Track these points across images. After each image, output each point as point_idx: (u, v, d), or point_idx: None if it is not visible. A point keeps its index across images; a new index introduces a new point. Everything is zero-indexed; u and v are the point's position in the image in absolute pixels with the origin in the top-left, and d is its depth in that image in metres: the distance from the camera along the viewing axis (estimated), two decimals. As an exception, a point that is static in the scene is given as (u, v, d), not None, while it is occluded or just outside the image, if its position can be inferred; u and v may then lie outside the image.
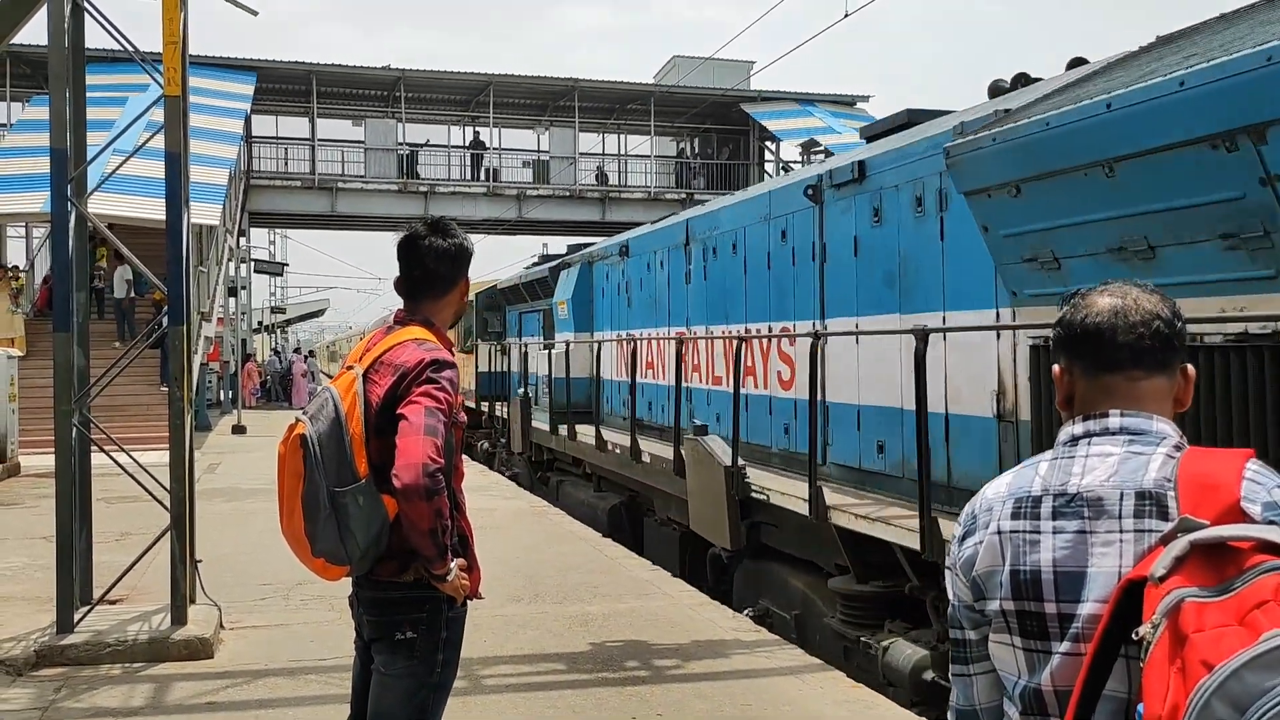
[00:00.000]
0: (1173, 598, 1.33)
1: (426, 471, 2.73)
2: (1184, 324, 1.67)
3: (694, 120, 34.67)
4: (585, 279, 14.43)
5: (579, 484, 13.40)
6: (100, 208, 14.13)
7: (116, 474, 6.61)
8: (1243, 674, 1.22)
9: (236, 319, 31.66)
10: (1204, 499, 1.45)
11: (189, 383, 6.53)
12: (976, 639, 1.71)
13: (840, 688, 5.60)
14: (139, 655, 5.95)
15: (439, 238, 3.10)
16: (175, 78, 6.18)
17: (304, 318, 68.66)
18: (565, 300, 14.57)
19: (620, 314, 13.11)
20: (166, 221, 6.34)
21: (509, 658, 6.14)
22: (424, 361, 2.92)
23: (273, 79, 30.99)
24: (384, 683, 3.01)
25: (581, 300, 14.32)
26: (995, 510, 1.66)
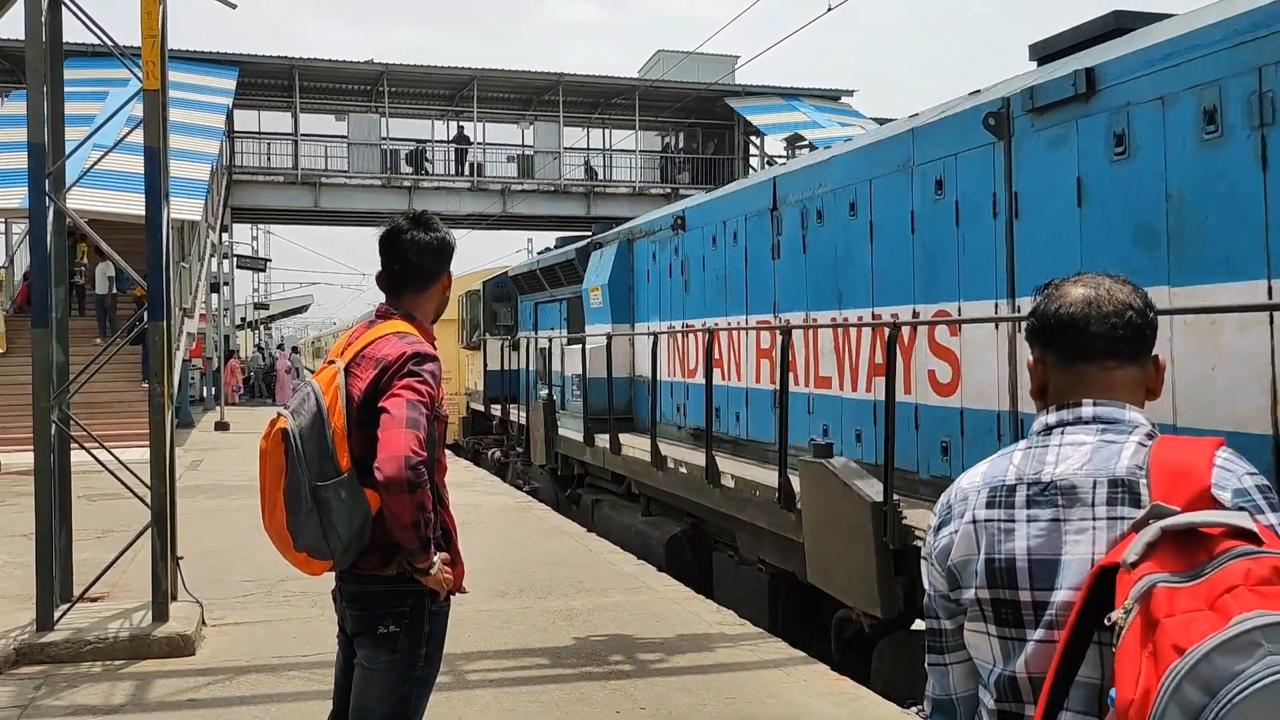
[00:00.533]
0: (1144, 583, 1.34)
1: (409, 464, 2.73)
2: (1156, 314, 1.68)
3: (679, 115, 34.66)
4: (623, 261, 11.91)
5: (622, 506, 11.13)
6: (80, 203, 14.03)
7: (98, 471, 6.57)
8: (1213, 657, 1.23)
9: (219, 315, 31.49)
10: (1176, 486, 1.46)
11: (170, 379, 6.49)
12: (952, 629, 1.72)
13: (824, 680, 5.61)
14: (120, 652, 5.92)
15: (421, 232, 3.10)
16: (154, 71, 6.14)
17: (288, 314, 68.37)
18: (599, 286, 12.16)
19: (672, 300, 10.68)
20: (146, 216, 6.30)
21: (493, 653, 6.13)
22: (405, 354, 2.92)
23: (255, 74, 30.81)
24: (367, 677, 3.01)
25: (620, 286, 11.86)
26: (970, 500, 1.67)
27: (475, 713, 5.09)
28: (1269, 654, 1.23)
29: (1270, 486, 1.53)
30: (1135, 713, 1.27)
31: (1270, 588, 1.29)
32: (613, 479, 11.30)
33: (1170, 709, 1.24)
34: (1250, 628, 1.24)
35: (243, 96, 30.04)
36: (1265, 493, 1.51)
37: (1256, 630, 1.24)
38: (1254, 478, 1.52)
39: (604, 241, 12.80)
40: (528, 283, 16.39)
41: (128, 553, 6.55)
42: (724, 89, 32.98)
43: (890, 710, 5.14)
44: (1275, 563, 1.32)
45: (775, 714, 5.06)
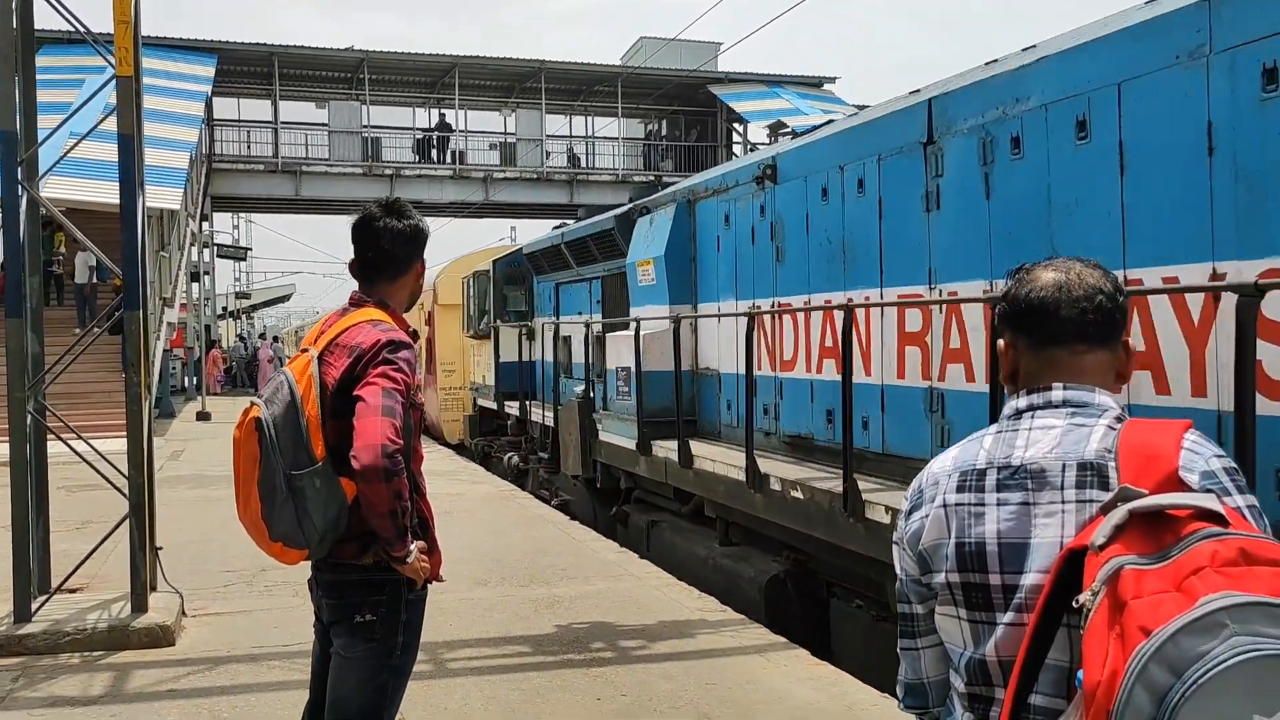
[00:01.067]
0: (1112, 565, 1.34)
1: (385, 453, 2.71)
2: (1126, 298, 1.69)
3: (661, 102, 34.56)
4: (683, 227, 9.48)
5: (688, 531, 9.00)
6: (56, 192, 13.90)
7: (78, 462, 6.52)
8: (1179, 639, 1.24)
9: (200, 305, 31.29)
10: (1144, 469, 1.46)
11: (148, 368, 6.44)
12: (924, 613, 1.72)
13: (804, 666, 5.63)
14: (98, 644, 5.89)
15: (394, 219, 3.07)
16: (127, 58, 6.07)
17: (269, 303, 68.02)
18: (651, 259, 9.81)
19: (757, 273, 8.22)
20: (121, 205, 6.24)
21: (474, 641, 6.13)
22: (380, 342, 2.89)
23: (234, 61, 30.55)
24: (343, 665, 2.99)
25: (679, 258, 9.46)
26: (941, 484, 1.67)
27: (456, 701, 5.08)
28: (1234, 635, 1.23)
29: (1237, 469, 1.54)
30: (1102, 694, 1.27)
31: (1236, 569, 1.30)
32: (675, 496, 9.17)
33: (1136, 690, 1.24)
34: (1216, 608, 1.24)
35: (222, 84, 29.78)
36: (1232, 475, 1.51)
37: (1222, 611, 1.24)
38: (1221, 460, 1.52)
39: (654, 206, 10.36)
40: (548, 261, 13.60)
41: (107, 544, 6.51)
42: (706, 76, 32.90)
43: (870, 694, 5.16)
44: (1241, 544, 1.32)
45: (755, 699, 5.08)
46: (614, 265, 11.19)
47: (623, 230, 10.79)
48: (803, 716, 4.85)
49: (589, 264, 12.05)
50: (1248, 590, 1.26)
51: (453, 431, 19.80)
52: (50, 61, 19.10)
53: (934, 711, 1.76)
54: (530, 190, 32.94)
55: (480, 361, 17.22)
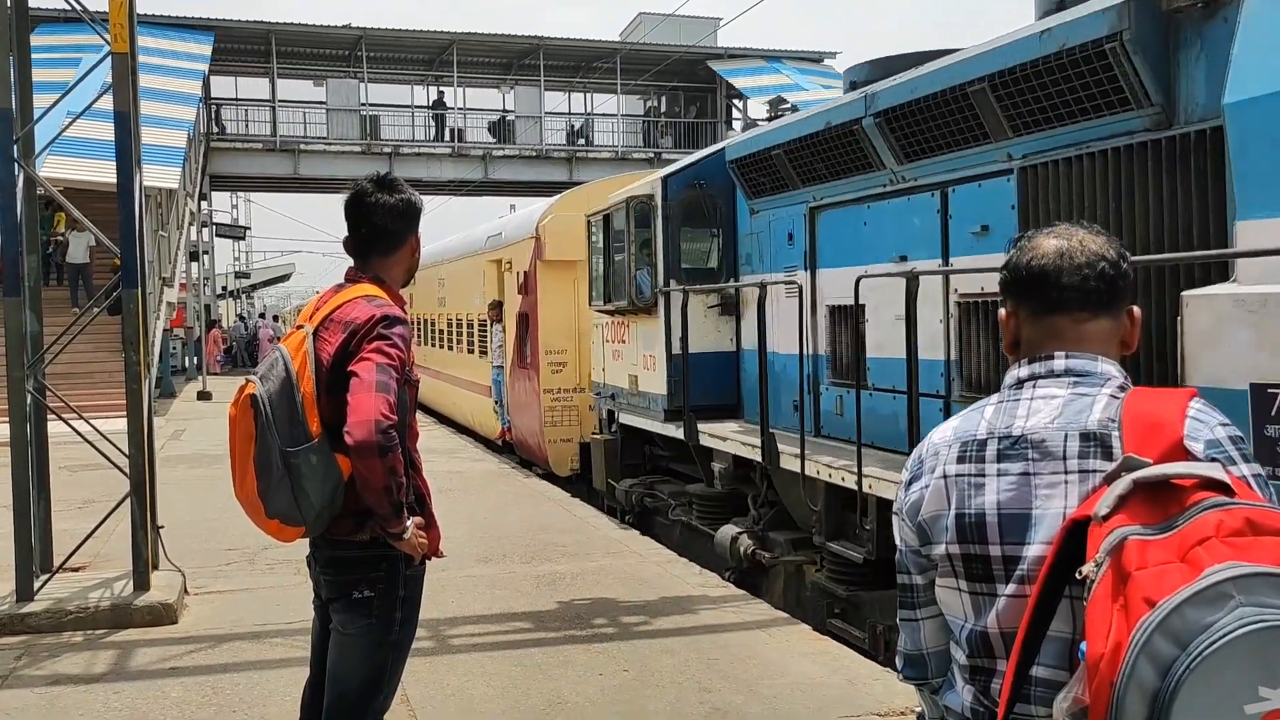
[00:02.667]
0: (1116, 536, 1.33)
1: (379, 428, 2.70)
2: (1129, 265, 1.66)
3: (660, 78, 34.39)
4: None
5: None
6: (54, 171, 13.86)
7: (79, 442, 6.52)
8: (1184, 610, 1.22)
9: (200, 284, 31.24)
10: (1148, 438, 1.45)
11: (146, 347, 6.43)
12: (923, 584, 1.71)
13: (805, 640, 5.65)
14: (101, 622, 5.90)
15: (386, 194, 3.05)
16: (122, 34, 6.03)
17: (269, 282, 67.89)
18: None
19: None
20: (117, 183, 6.21)
21: (476, 618, 6.14)
22: (374, 318, 2.88)
23: (231, 39, 30.39)
24: (343, 642, 3.00)
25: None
26: (941, 454, 1.66)
27: (458, 677, 5.10)
28: (1240, 605, 1.22)
29: (1243, 437, 1.52)
30: (1106, 666, 1.26)
31: (1242, 539, 1.28)
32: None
33: (1141, 662, 1.23)
34: (1221, 579, 1.23)
35: (219, 62, 29.66)
36: (1238, 444, 1.50)
37: (1228, 582, 1.23)
38: (1227, 429, 1.51)
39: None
40: (796, 162, 7.13)
41: (108, 523, 6.52)
42: (706, 52, 32.72)
43: (870, 668, 5.17)
44: (1247, 514, 1.30)
45: (756, 674, 5.09)
46: (994, 154, 5.33)
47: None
48: (804, 691, 4.86)
49: (926, 156, 5.89)
50: (1254, 560, 1.25)
51: (562, 458, 12.34)
52: (46, 40, 19.01)
53: (933, 682, 1.75)
54: (529, 168, 32.83)
55: (624, 351, 9.86)
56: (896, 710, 4.59)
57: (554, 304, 12.48)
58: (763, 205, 7.81)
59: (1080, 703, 1.31)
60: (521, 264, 13.20)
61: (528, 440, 13.10)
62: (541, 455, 12.59)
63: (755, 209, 7.93)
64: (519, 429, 13.48)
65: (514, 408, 13.66)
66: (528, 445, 13.17)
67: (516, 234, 13.96)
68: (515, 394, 13.53)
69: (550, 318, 12.48)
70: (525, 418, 13.05)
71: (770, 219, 7.71)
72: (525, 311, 12.95)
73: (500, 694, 4.88)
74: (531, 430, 12.79)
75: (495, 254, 14.86)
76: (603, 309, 10.15)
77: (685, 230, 8.73)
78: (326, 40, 32.34)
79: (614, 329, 10.20)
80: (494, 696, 4.85)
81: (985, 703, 1.58)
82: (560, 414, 12.49)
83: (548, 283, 12.55)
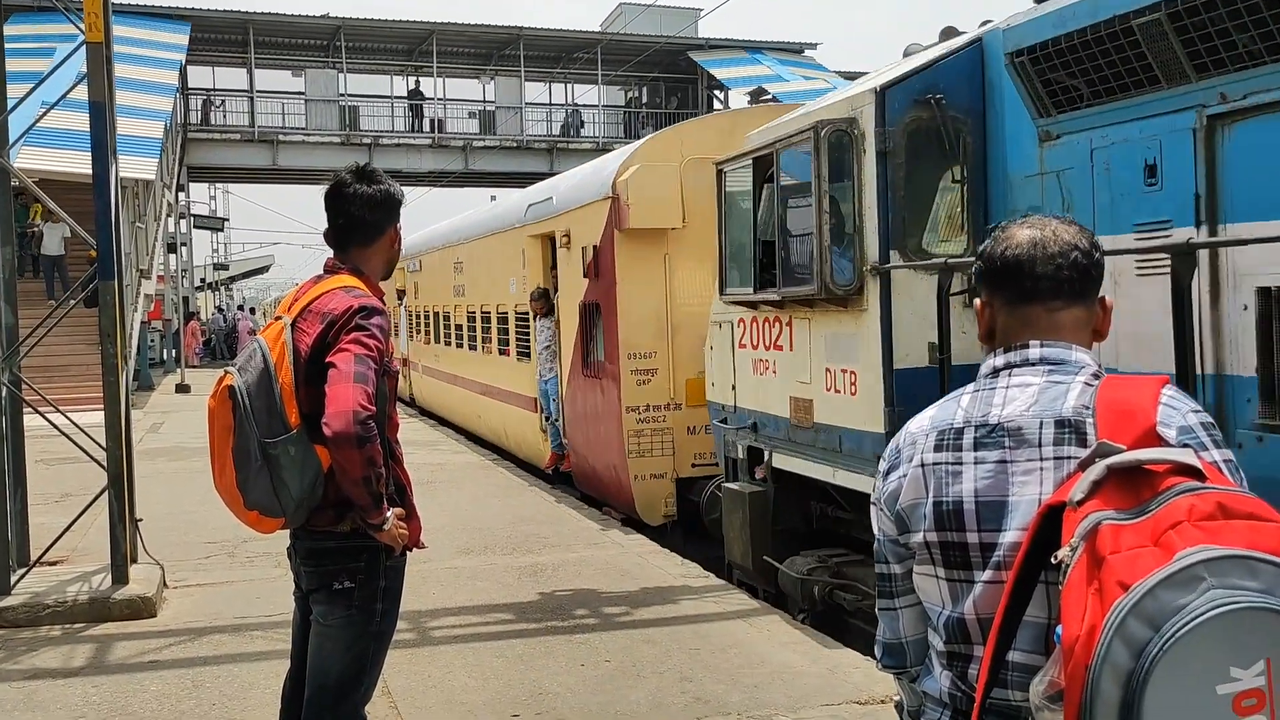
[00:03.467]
0: (1090, 521, 1.34)
1: (357, 419, 2.69)
2: (1102, 255, 1.68)
3: (641, 69, 34.33)
4: None
5: None
6: (29, 162, 13.72)
7: (56, 435, 6.47)
8: (1157, 592, 1.24)
9: (178, 276, 31.03)
10: (1121, 425, 1.46)
11: (124, 339, 6.38)
12: (901, 573, 1.72)
13: (786, 630, 5.67)
14: (80, 616, 5.87)
15: (364, 184, 3.04)
16: (97, 23, 5.97)
17: (248, 274, 67.49)
18: None
19: None
20: (93, 173, 6.15)
21: (458, 609, 6.14)
22: (352, 308, 2.87)
23: (207, 28, 30.11)
24: (323, 633, 2.99)
25: None
26: (919, 443, 1.67)
27: (439, 669, 5.10)
28: (1212, 588, 1.24)
29: (1214, 424, 1.54)
30: (1080, 649, 1.27)
31: (1214, 523, 1.30)
32: None
33: (1115, 644, 1.24)
34: (1193, 562, 1.25)
35: (196, 52, 29.39)
36: (1209, 430, 1.52)
37: (1200, 564, 1.25)
38: (1198, 415, 1.53)
39: None
40: (1198, 33, 4.03)
41: (86, 516, 6.48)
42: (687, 42, 32.69)
43: (851, 657, 5.20)
44: (1219, 498, 1.32)
45: (738, 663, 5.11)
46: None
47: None
48: (785, 679, 4.88)
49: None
50: (1225, 544, 1.27)
51: (652, 500, 8.95)
52: (19, 30, 18.79)
53: (912, 671, 1.76)
54: (510, 159, 32.73)
55: (780, 361, 6.60)
56: (877, 698, 4.62)
57: (639, 291, 8.98)
58: (1076, 124, 4.74)
59: (1056, 686, 1.32)
60: (587, 236, 9.57)
61: (599, 472, 9.61)
62: (622, 494, 9.10)
63: (1053, 133, 4.86)
64: (583, 456, 9.99)
65: (575, 428, 10.10)
66: (598, 478, 9.69)
67: (579, 196, 10.01)
68: (577, 409, 10.04)
69: (634, 310, 8.98)
70: (594, 442, 9.64)
71: (1093, 145, 4.63)
72: (595, 301, 9.47)
73: (482, 685, 4.88)
74: (606, 460, 9.37)
75: (542, 226, 11.02)
76: (747, 298, 6.56)
77: (914, 171, 5.39)
78: (304, 30, 32.11)
79: (759, 329, 6.72)
80: (476, 687, 4.85)
81: (963, 688, 1.60)
82: (649, 440, 8.93)
83: (630, 261, 8.95)
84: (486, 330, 13.63)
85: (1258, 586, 1.24)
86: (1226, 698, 1.22)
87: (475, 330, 14.29)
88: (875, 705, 4.56)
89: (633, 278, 8.96)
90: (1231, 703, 1.22)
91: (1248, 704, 1.22)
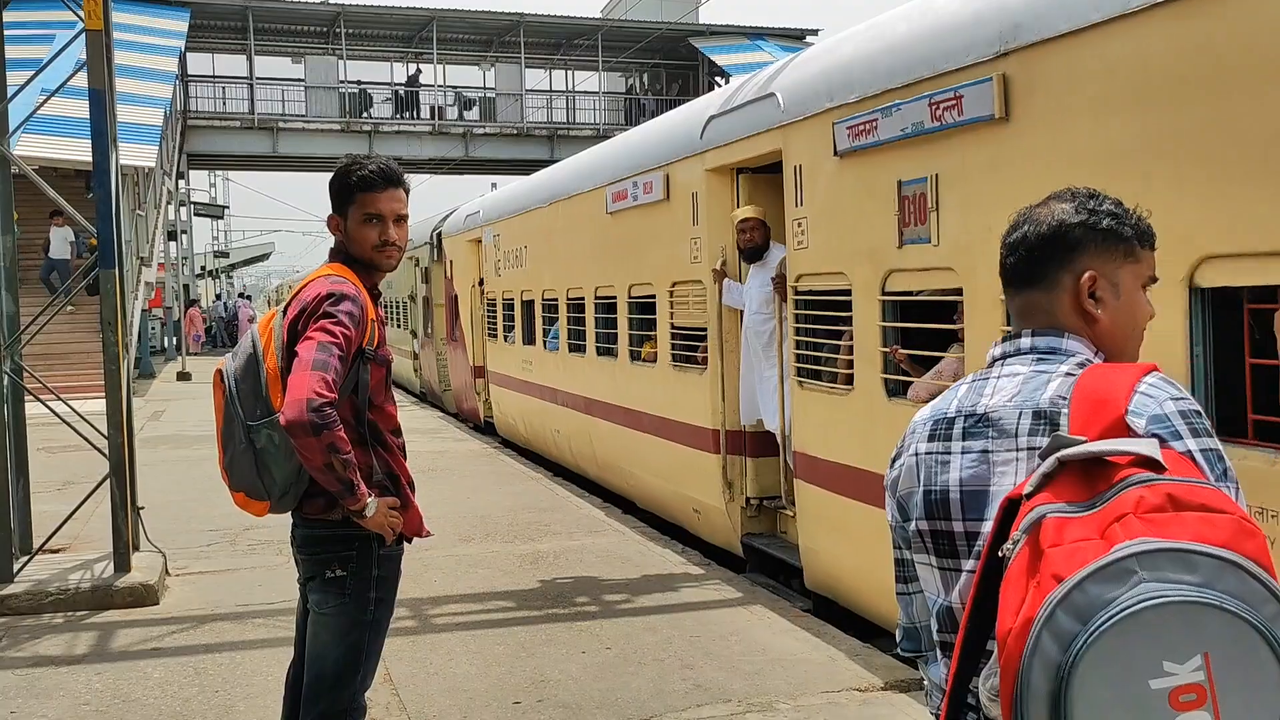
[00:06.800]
0: (1034, 514, 1.34)
1: (311, 407, 2.69)
2: (1069, 230, 1.60)
3: (642, 55, 34.23)
4: None
5: None
6: (28, 149, 13.70)
7: (58, 423, 6.48)
8: (1086, 586, 1.23)
9: (178, 264, 31.03)
10: (1092, 415, 1.45)
11: (124, 327, 6.38)
12: (912, 559, 1.73)
13: (787, 617, 5.68)
14: (82, 603, 5.88)
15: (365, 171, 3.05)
16: (96, 10, 5.96)
17: (248, 262, 67.52)
18: None
19: None
20: (93, 161, 6.15)
21: (459, 597, 6.16)
22: (320, 295, 2.89)
23: (207, 15, 30.05)
24: (319, 621, 3.01)
25: None
26: (917, 432, 1.68)
27: (441, 656, 5.11)
28: (1143, 581, 1.22)
29: (1199, 411, 1.49)
30: (1013, 641, 1.27)
31: (1161, 515, 1.28)
32: None
33: (1044, 637, 1.24)
34: (1126, 555, 1.24)
35: (195, 39, 29.34)
36: (1189, 418, 1.47)
37: (1132, 558, 1.23)
38: (1179, 403, 1.48)
39: None
40: None
41: (88, 504, 6.48)
42: (687, 28, 32.60)
43: (851, 645, 5.21)
44: (1169, 489, 1.30)
45: (739, 651, 5.12)
46: None
47: None
48: (786, 667, 4.90)
49: None
50: (1170, 536, 1.25)
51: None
52: (18, 16, 18.71)
53: (929, 655, 1.77)
54: (510, 146, 32.68)
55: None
56: (877, 685, 4.63)
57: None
58: None
59: None
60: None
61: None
62: None
63: None
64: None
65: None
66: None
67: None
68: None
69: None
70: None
71: None
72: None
73: (483, 672, 4.90)
74: None
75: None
76: None
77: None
78: (304, 17, 32.04)
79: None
80: (477, 675, 4.87)
81: None
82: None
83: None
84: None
85: (1195, 580, 1.22)
86: (1161, 692, 1.20)
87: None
88: (875, 693, 4.57)
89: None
90: (1168, 698, 1.20)
91: (1186, 699, 1.20)
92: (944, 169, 4.64)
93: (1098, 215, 1.61)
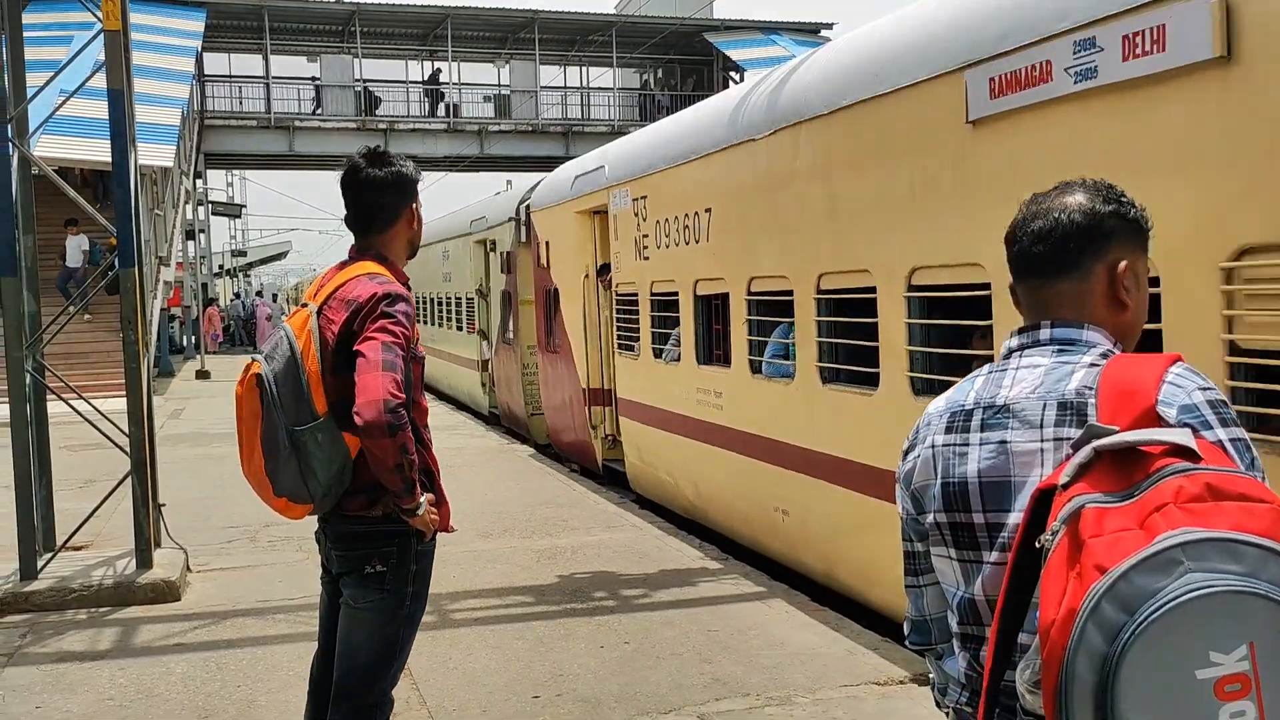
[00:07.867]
0: (1072, 504, 1.33)
1: (388, 407, 2.71)
2: (1102, 219, 1.60)
3: (656, 51, 34.20)
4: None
5: None
6: (48, 150, 13.80)
7: (80, 422, 6.54)
8: (1131, 576, 1.23)
9: (196, 263, 31.20)
10: (1121, 405, 1.44)
11: (144, 325, 6.43)
12: (923, 551, 1.72)
13: (805, 611, 5.68)
14: (105, 599, 5.94)
15: (376, 168, 3.04)
16: (115, 11, 6.00)
17: (266, 260, 67.84)
18: None
19: None
20: (112, 161, 6.20)
21: (478, 592, 6.18)
22: (376, 295, 2.89)
23: (223, 15, 30.18)
24: (354, 616, 3.02)
25: None
26: (933, 424, 1.67)
27: (461, 651, 5.14)
28: (1189, 571, 1.22)
29: (1225, 401, 1.49)
30: (1057, 632, 1.26)
31: (1201, 504, 1.28)
32: None
33: (1089, 628, 1.23)
34: (1171, 545, 1.23)
35: (212, 39, 29.47)
36: (1218, 408, 1.47)
37: (1177, 548, 1.23)
38: (1206, 393, 1.48)
39: None
40: None
41: (110, 501, 6.55)
42: (702, 23, 32.54)
43: (869, 638, 5.21)
44: (1208, 479, 1.29)
45: (757, 645, 5.13)
46: None
47: None
48: (804, 660, 4.90)
49: None
50: (1212, 526, 1.25)
51: None
52: (38, 19, 18.85)
53: (937, 648, 1.76)
54: (525, 143, 32.72)
55: None
56: (895, 679, 4.63)
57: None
58: None
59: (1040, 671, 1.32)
60: None
61: None
62: None
63: None
64: None
65: None
66: None
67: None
68: None
69: None
70: None
71: None
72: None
73: (502, 667, 4.92)
74: None
75: None
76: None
77: None
78: (319, 16, 32.15)
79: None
80: (496, 669, 4.89)
81: (978, 668, 1.60)
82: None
83: None
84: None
85: (1240, 570, 1.22)
86: (1207, 682, 1.20)
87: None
88: (894, 686, 4.57)
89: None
90: (1213, 688, 1.20)
91: (1231, 689, 1.20)
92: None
93: (1125, 205, 1.63)
